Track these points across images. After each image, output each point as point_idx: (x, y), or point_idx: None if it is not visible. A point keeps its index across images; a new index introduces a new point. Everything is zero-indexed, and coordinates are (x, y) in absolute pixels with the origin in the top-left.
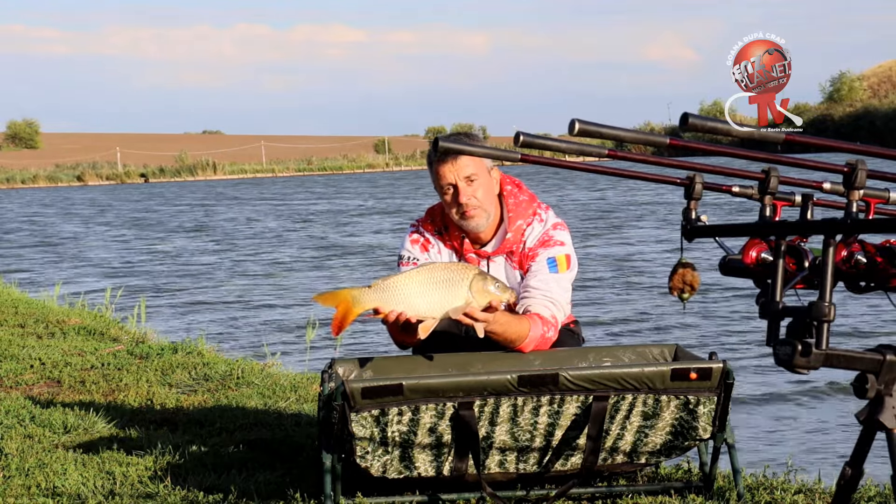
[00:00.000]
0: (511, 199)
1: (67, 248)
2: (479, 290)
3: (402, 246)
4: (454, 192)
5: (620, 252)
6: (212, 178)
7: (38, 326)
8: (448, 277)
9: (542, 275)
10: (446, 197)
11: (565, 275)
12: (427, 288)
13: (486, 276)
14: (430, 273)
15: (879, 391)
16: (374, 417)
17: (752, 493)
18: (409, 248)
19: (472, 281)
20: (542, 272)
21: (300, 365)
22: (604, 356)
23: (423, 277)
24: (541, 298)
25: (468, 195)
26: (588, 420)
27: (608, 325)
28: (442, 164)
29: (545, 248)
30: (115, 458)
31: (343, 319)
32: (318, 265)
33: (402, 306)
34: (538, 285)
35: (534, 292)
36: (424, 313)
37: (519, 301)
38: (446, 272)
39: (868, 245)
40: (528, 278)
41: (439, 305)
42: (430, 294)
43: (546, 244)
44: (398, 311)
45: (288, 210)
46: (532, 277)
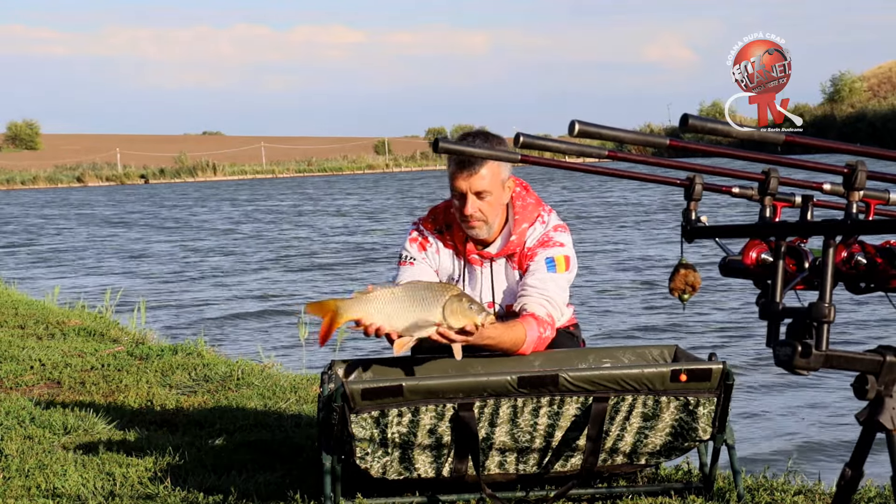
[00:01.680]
0: (518, 201)
1: (68, 249)
2: (453, 312)
3: (402, 244)
4: (462, 202)
5: (621, 252)
6: (212, 179)
7: (39, 327)
8: (425, 297)
9: (539, 273)
10: (455, 201)
11: (563, 275)
12: (404, 305)
13: (462, 298)
14: (410, 291)
15: (879, 392)
16: (373, 419)
17: (752, 494)
18: (408, 248)
19: (447, 302)
20: (540, 271)
21: (299, 364)
22: (603, 357)
23: (403, 294)
24: (537, 297)
25: (474, 209)
26: (588, 421)
27: (608, 325)
28: (459, 172)
29: (544, 248)
30: (115, 459)
31: (328, 329)
32: (317, 264)
33: (380, 320)
34: (535, 283)
35: (530, 290)
36: (401, 329)
37: (516, 299)
38: (425, 291)
39: (868, 246)
40: (526, 277)
41: (415, 324)
42: (406, 311)
43: (545, 244)
44: (377, 325)
45: (288, 209)
46: (530, 276)
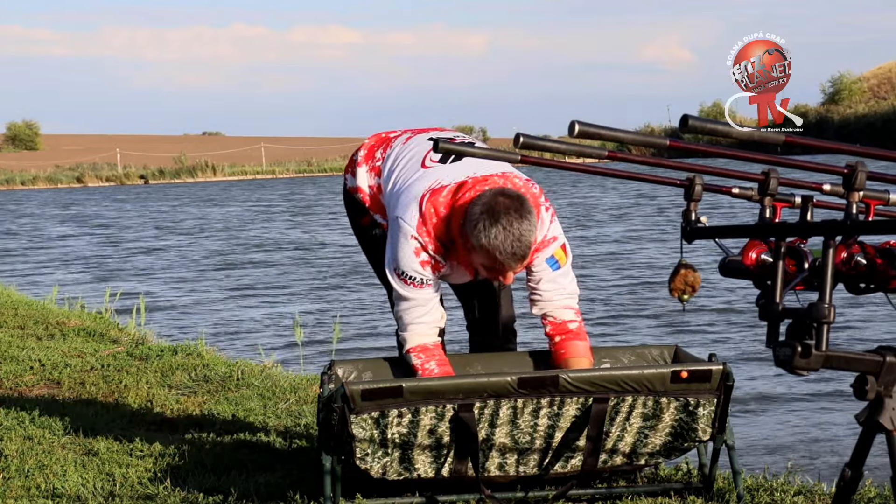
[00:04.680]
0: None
1: (66, 249)
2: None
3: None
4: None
5: (620, 252)
6: (211, 180)
7: (38, 328)
8: None
9: (547, 275)
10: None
11: (567, 264)
12: None
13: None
14: None
15: (879, 393)
16: (373, 419)
17: (751, 495)
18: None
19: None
20: (547, 272)
21: (298, 365)
22: (603, 357)
23: None
24: (559, 299)
25: (511, 279)
26: (588, 422)
27: (608, 325)
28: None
29: (541, 250)
30: (115, 460)
31: None
32: (318, 264)
33: None
34: (549, 287)
35: (548, 295)
36: None
37: (535, 305)
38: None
39: (868, 246)
40: (536, 282)
41: None
42: None
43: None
44: None
45: (289, 210)
46: (539, 282)
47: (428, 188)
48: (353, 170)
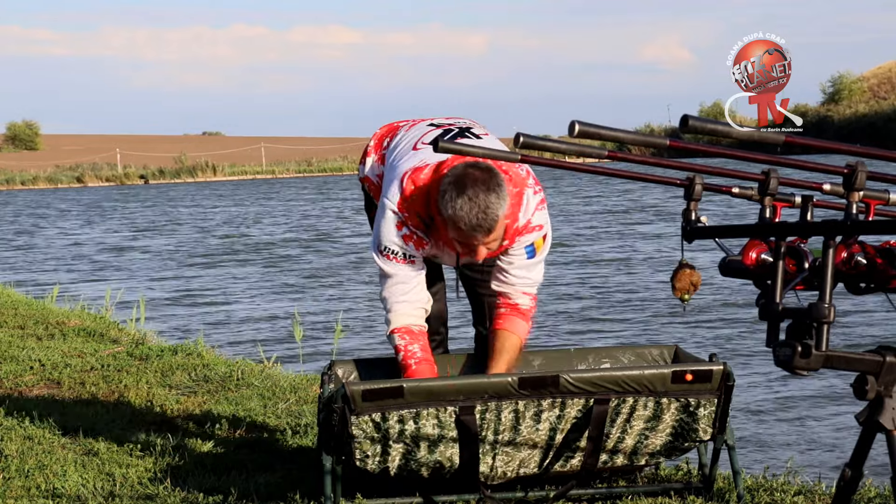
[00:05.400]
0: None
1: (67, 249)
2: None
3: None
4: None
5: (620, 251)
6: (212, 180)
7: (38, 328)
8: None
9: (519, 261)
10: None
11: (542, 253)
12: None
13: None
14: None
15: (879, 393)
16: (374, 420)
17: (752, 495)
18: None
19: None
20: (521, 259)
21: (298, 365)
22: (603, 357)
23: None
24: (520, 286)
25: (482, 255)
26: (589, 423)
27: (608, 324)
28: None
29: (522, 234)
30: (115, 460)
31: None
32: (317, 264)
33: None
34: (519, 274)
35: (515, 280)
36: None
37: (498, 282)
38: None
39: (868, 246)
40: (507, 264)
41: None
42: None
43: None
44: None
45: (288, 210)
46: (512, 266)
47: (411, 167)
48: (364, 159)
